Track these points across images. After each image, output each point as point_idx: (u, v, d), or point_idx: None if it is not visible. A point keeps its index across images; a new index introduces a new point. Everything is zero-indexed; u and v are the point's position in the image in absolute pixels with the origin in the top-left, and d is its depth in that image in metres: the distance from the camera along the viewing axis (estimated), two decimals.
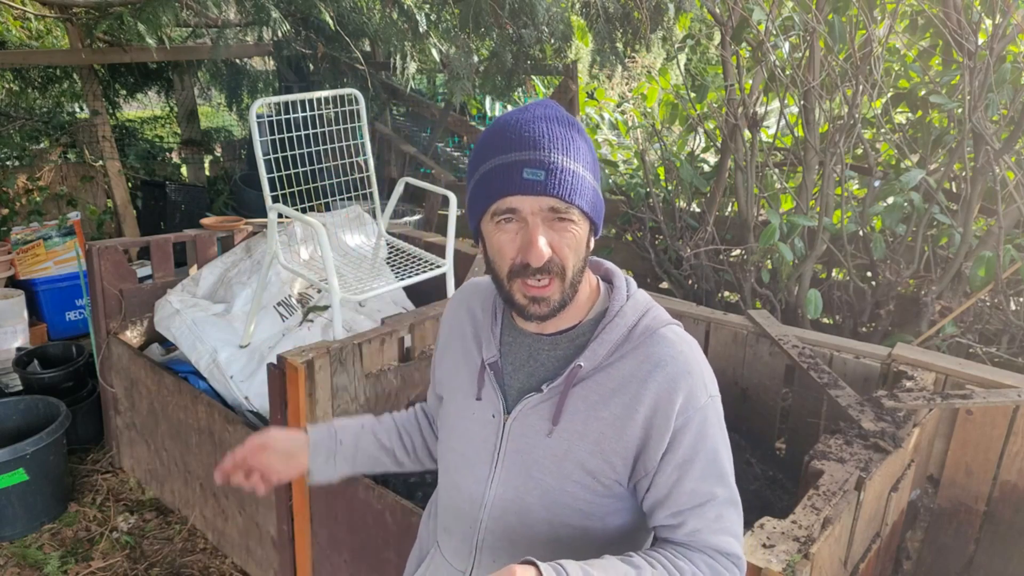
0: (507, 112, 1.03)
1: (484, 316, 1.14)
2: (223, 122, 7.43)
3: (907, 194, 2.41)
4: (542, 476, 1.04)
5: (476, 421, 1.10)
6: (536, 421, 1.05)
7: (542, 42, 3.80)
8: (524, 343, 1.09)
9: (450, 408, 1.16)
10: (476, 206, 1.01)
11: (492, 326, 1.11)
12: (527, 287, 0.98)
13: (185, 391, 2.64)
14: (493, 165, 0.96)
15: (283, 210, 2.54)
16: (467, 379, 1.13)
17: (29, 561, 2.66)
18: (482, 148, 1.00)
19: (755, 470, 2.14)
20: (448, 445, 1.16)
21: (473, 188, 1.01)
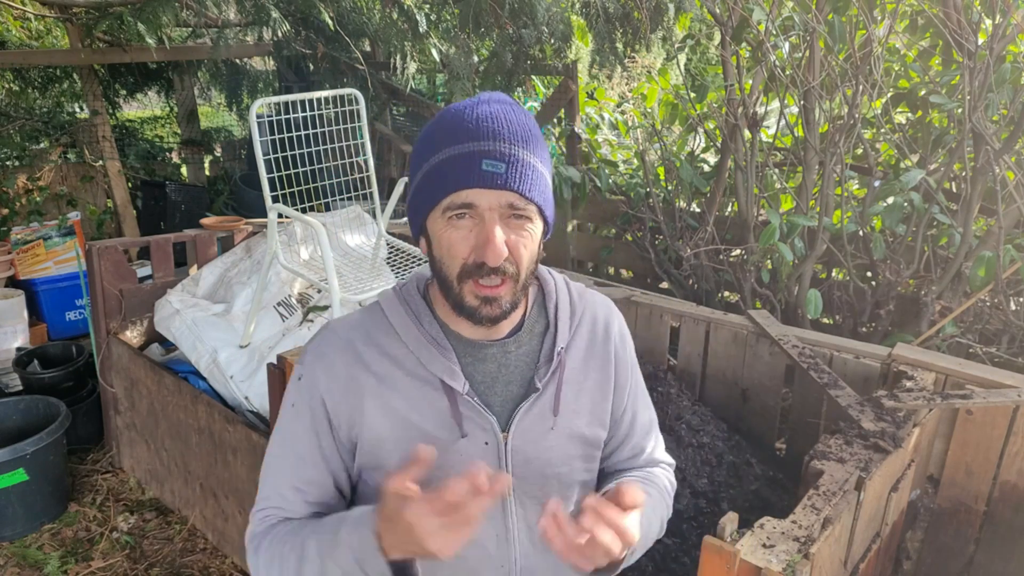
0: (458, 102, 0.93)
1: (413, 349, 0.97)
2: (223, 122, 7.43)
3: (907, 194, 2.41)
4: (555, 469, 1.04)
5: (464, 462, 0.95)
6: (536, 422, 1.02)
7: (542, 42, 3.79)
8: (487, 355, 1.00)
9: (392, 464, 0.97)
10: (424, 200, 0.91)
11: (441, 353, 0.97)
12: (479, 287, 0.91)
13: (185, 391, 2.64)
14: (447, 155, 0.88)
15: (283, 210, 2.54)
16: (434, 425, 0.96)
17: (29, 561, 2.66)
18: (432, 137, 0.91)
19: (755, 470, 2.14)
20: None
21: (420, 181, 0.91)
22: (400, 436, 0.96)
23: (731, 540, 1.24)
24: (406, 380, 0.97)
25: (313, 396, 0.97)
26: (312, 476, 0.99)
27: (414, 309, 1.00)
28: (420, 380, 0.97)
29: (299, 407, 0.99)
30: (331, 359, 0.97)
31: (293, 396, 1.00)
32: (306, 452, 0.99)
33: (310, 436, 0.98)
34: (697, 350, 2.46)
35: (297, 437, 0.99)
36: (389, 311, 1.00)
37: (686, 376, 2.51)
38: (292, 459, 0.99)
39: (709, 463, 2.09)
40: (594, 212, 3.87)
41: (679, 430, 2.14)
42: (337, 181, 2.85)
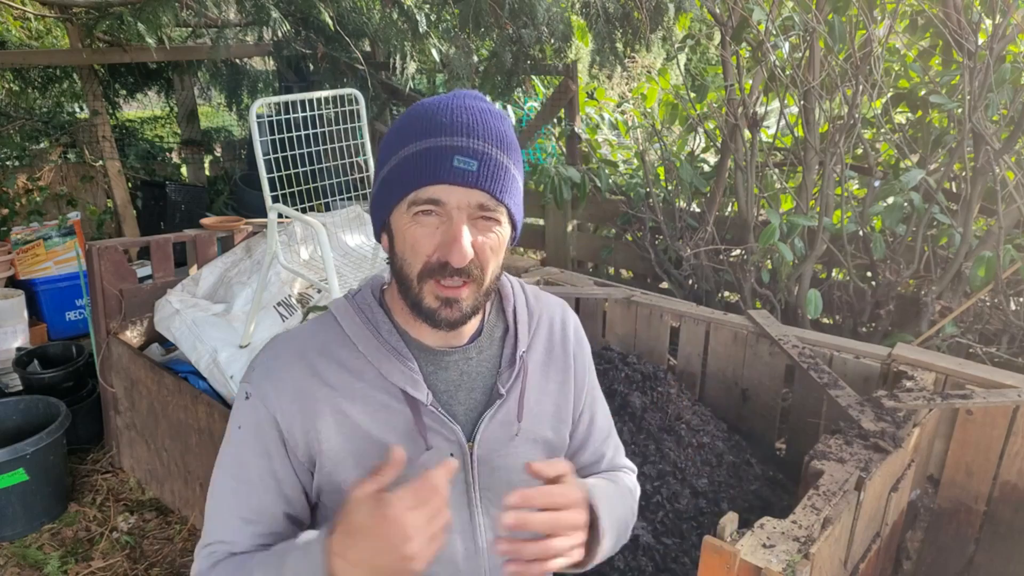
0: (431, 97, 0.89)
1: (372, 360, 0.92)
2: (223, 122, 7.44)
3: (907, 194, 2.41)
4: (521, 476, 0.97)
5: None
6: (500, 430, 0.99)
7: (542, 42, 3.79)
8: (448, 363, 0.96)
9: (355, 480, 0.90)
10: (389, 194, 0.87)
11: (402, 363, 0.92)
12: (440, 287, 0.87)
13: (185, 391, 2.64)
14: (417, 149, 0.84)
15: (283, 210, 2.54)
16: (397, 438, 0.92)
17: (29, 561, 2.66)
18: (401, 131, 0.87)
19: (755, 470, 2.14)
20: None
21: (387, 174, 0.87)
22: (362, 452, 0.91)
23: (731, 540, 1.24)
24: (365, 393, 0.91)
25: (263, 416, 0.89)
26: (263, 504, 0.91)
27: (371, 318, 0.94)
28: (380, 392, 0.92)
29: (247, 429, 0.91)
30: (281, 374, 0.90)
31: (239, 417, 0.91)
32: (256, 477, 0.90)
33: (261, 460, 0.90)
34: (697, 350, 2.46)
35: (245, 462, 0.91)
36: (344, 321, 0.94)
37: (686, 376, 2.51)
38: (241, 487, 0.91)
39: (709, 463, 2.09)
40: (594, 212, 3.87)
41: (679, 430, 2.14)
42: (337, 181, 2.85)
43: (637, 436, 2.09)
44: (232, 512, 0.92)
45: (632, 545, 1.82)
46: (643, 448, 2.06)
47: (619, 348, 2.56)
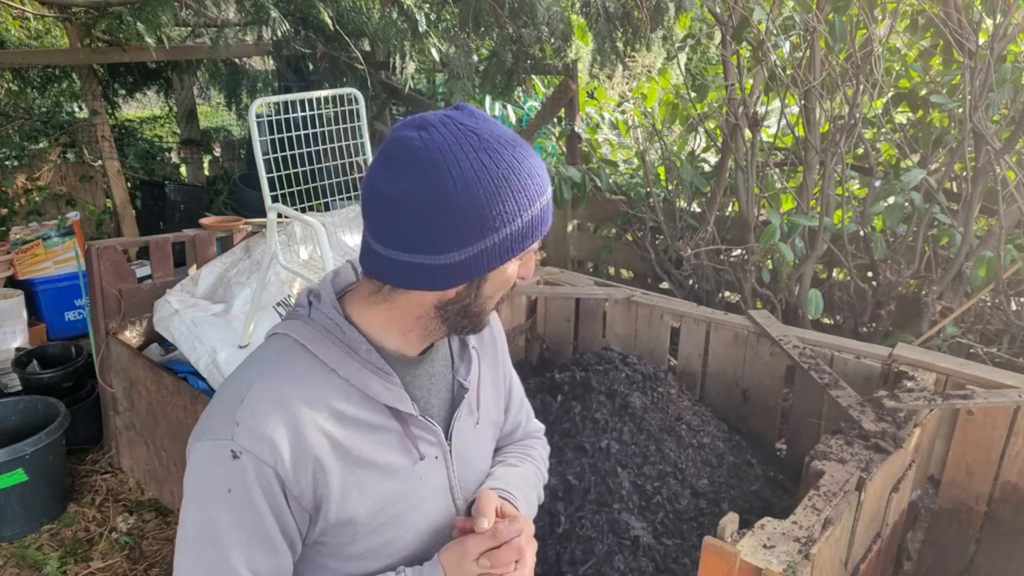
0: (493, 128, 0.84)
1: (356, 383, 0.90)
2: (222, 122, 7.44)
3: (908, 194, 2.41)
4: (483, 464, 1.08)
5: (425, 482, 0.95)
6: (466, 423, 1.02)
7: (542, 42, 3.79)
8: (420, 369, 0.97)
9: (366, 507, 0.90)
10: (512, 250, 0.85)
11: (386, 381, 0.91)
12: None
13: (184, 391, 2.64)
14: (542, 206, 0.85)
15: (282, 210, 2.53)
16: (394, 456, 0.92)
17: (28, 561, 2.65)
18: (508, 191, 0.82)
19: (755, 470, 2.14)
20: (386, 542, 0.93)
21: (513, 233, 0.83)
22: (366, 480, 0.90)
23: (731, 541, 1.24)
24: (355, 417, 0.89)
25: (262, 472, 0.82)
26: (272, 563, 0.86)
27: (343, 338, 0.90)
28: (368, 412, 0.90)
29: (242, 491, 0.82)
30: (273, 422, 0.83)
31: (227, 480, 0.82)
32: (261, 540, 0.84)
33: (264, 519, 0.84)
34: (697, 350, 2.46)
35: (245, 526, 0.83)
36: (316, 347, 0.89)
37: (686, 376, 2.51)
38: (245, 554, 0.84)
39: (709, 463, 2.09)
40: (594, 212, 3.87)
41: (679, 430, 2.14)
42: (337, 181, 2.85)
43: (637, 436, 2.09)
44: (242, 573, 0.84)
45: (632, 545, 1.82)
46: (643, 448, 2.06)
47: (619, 348, 2.56)
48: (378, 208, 0.83)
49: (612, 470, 1.98)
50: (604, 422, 2.12)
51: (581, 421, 2.14)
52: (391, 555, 0.94)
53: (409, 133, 0.81)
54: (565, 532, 1.87)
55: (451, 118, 0.82)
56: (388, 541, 0.92)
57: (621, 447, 2.04)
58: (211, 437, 0.84)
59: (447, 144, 0.79)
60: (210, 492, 0.83)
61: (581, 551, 1.82)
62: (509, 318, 2.76)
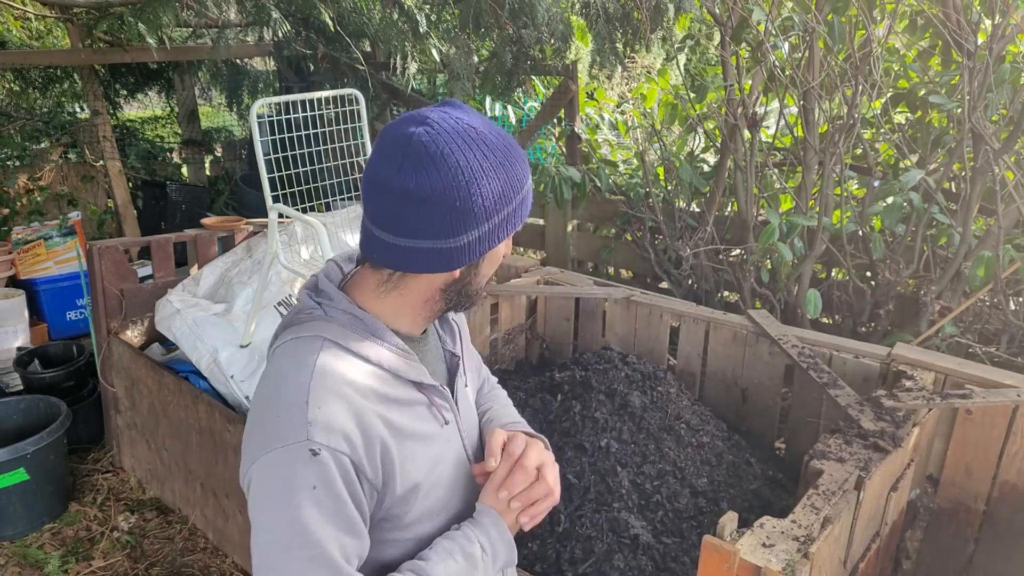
0: (484, 121, 0.93)
1: (388, 367, 0.96)
2: (224, 122, 7.44)
3: (906, 194, 2.41)
4: (475, 419, 1.17)
5: (450, 444, 1.05)
6: (461, 387, 1.13)
7: (542, 42, 3.79)
8: (425, 344, 1.06)
9: (421, 474, 0.99)
10: (511, 226, 0.95)
11: (409, 359, 0.99)
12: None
13: (186, 391, 2.64)
14: (528, 187, 0.97)
15: (284, 210, 2.54)
16: (428, 426, 1.01)
17: (30, 560, 2.66)
18: (515, 166, 0.93)
19: (755, 469, 2.14)
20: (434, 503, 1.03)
21: (514, 211, 0.94)
22: (415, 450, 0.98)
23: (731, 539, 1.24)
24: (396, 397, 0.97)
25: (341, 462, 0.88)
26: (358, 547, 0.91)
27: (370, 329, 0.97)
28: (402, 390, 0.98)
29: (327, 485, 0.87)
30: (340, 415, 0.89)
31: (311, 478, 0.87)
32: (349, 526, 0.89)
33: (348, 508, 0.89)
34: (697, 350, 2.47)
35: (335, 516, 0.88)
36: (350, 343, 0.95)
37: (686, 376, 2.51)
38: (339, 542, 0.88)
39: (709, 463, 2.10)
40: (594, 212, 3.88)
41: (679, 430, 2.15)
42: (338, 181, 2.85)
43: (637, 435, 2.09)
44: (340, 568, 0.88)
45: (632, 544, 1.83)
46: (643, 448, 2.07)
47: (619, 348, 2.57)
48: (390, 202, 0.89)
49: (612, 469, 1.99)
50: (604, 421, 2.12)
51: (581, 420, 2.15)
52: (438, 514, 1.03)
53: (412, 129, 0.88)
54: (565, 531, 1.88)
55: (447, 113, 0.90)
56: (436, 501, 1.02)
57: (621, 446, 2.05)
58: (283, 443, 0.87)
59: (451, 138, 0.88)
60: (294, 494, 0.86)
61: (581, 550, 1.82)
62: (509, 318, 2.77)
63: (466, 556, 0.97)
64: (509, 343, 2.77)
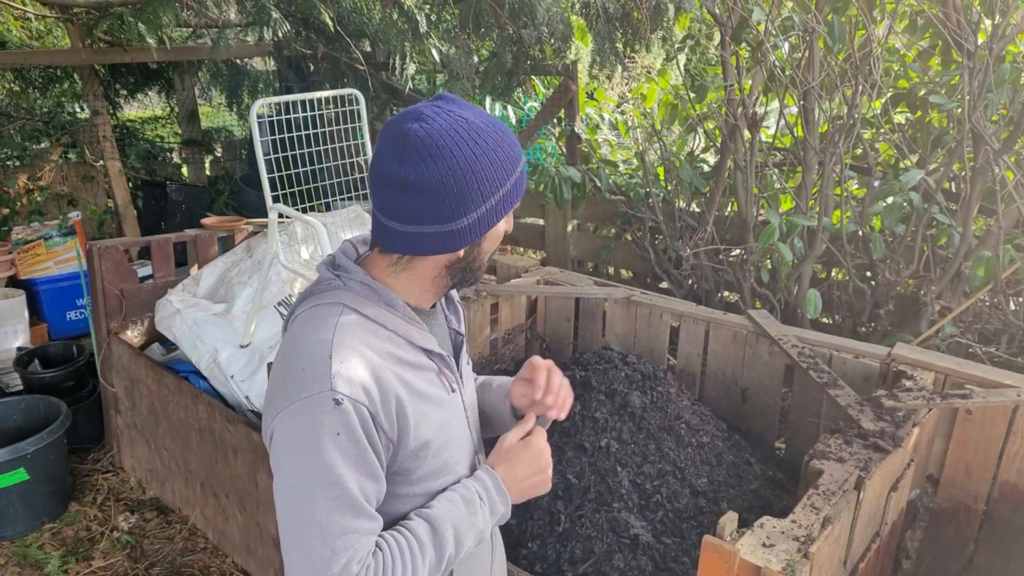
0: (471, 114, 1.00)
1: (402, 333, 1.05)
2: (224, 122, 7.44)
3: (906, 194, 2.41)
4: (473, 395, 1.25)
5: (456, 410, 1.13)
6: (463, 364, 1.20)
7: (542, 42, 3.79)
8: (433, 319, 1.15)
9: (433, 432, 1.07)
10: (506, 208, 1.03)
11: (420, 329, 1.07)
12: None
13: (186, 391, 2.64)
14: (522, 165, 1.03)
15: (284, 210, 2.54)
16: (438, 391, 1.09)
17: (30, 560, 2.66)
18: (506, 150, 1.00)
19: (755, 469, 2.14)
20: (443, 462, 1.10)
21: (507, 193, 1.01)
22: (427, 410, 1.06)
23: (731, 539, 1.25)
24: (409, 360, 1.05)
25: (361, 412, 0.95)
26: (376, 490, 0.99)
27: (385, 299, 1.05)
28: (416, 355, 1.07)
29: (350, 431, 0.95)
30: (359, 370, 0.97)
31: (335, 425, 0.94)
32: (370, 471, 0.97)
33: (367, 453, 0.97)
34: (697, 350, 2.47)
35: (357, 460, 0.96)
36: (367, 310, 1.03)
37: (686, 376, 2.51)
38: (361, 485, 0.96)
39: (709, 463, 2.10)
40: (594, 212, 3.88)
41: (679, 429, 2.15)
42: (337, 181, 2.85)
43: (637, 435, 2.09)
44: (363, 508, 0.97)
45: (632, 544, 1.83)
46: (643, 447, 2.07)
47: (619, 348, 2.57)
48: (394, 193, 0.97)
49: (612, 469, 1.99)
50: (604, 421, 2.12)
51: (581, 420, 2.15)
52: (445, 474, 1.10)
53: (410, 125, 0.96)
54: (565, 531, 1.88)
55: (440, 107, 0.98)
56: (444, 461, 1.09)
57: (621, 446, 2.05)
58: (308, 394, 0.95)
59: (446, 131, 0.95)
60: (320, 439, 0.94)
61: (581, 550, 1.82)
62: (509, 318, 2.77)
63: (466, 501, 1.07)
64: (509, 343, 2.77)
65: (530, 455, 1.14)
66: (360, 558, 0.94)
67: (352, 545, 0.94)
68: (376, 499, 1.00)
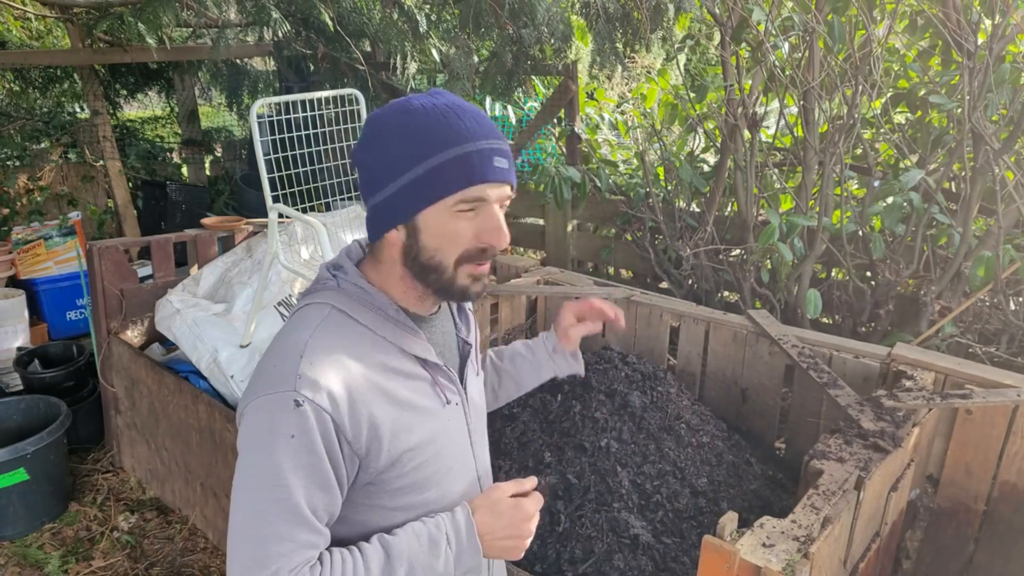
0: (421, 102, 0.97)
1: (392, 340, 1.02)
2: (224, 122, 7.44)
3: (906, 194, 2.41)
4: (482, 408, 1.22)
5: (452, 422, 1.08)
6: (471, 374, 1.16)
7: (542, 42, 3.79)
8: (435, 327, 1.11)
9: (413, 444, 1.02)
10: (425, 195, 0.95)
11: (415, 335, 1.04)
12: (474, 268, 1.00)
13: (186, 391, 2.64)
14: (462, 152, 0.94)
15: (284, 210, 2.54)
16: (428, 401, 1.05)
17: (30, 560, 2.66)
18: (425, 136, 0.94)
19: (755, 469, 2.14)
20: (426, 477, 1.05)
21: (422, 177, 0.94)
22: (413, 421, 1.02)
23: (731, 539, 1.24)
24: (397, 368, 1.02)
25: (321, 418, 0.92)
26: (327, 502, 0.95)
27: (376, 303, 1.03)
28: (407, 363, 1.03)
29: (304, 436, 0.91)
30: (329, 375, 0.93)
31: (290, 427, 0.91)
32: (321, 480, 0.94)
33: (322, 462, 0.93)
34: (697, 350, 2.47)
35: (307, 467, 0.92)
36: (355, 312, 1.01)
37: (686, 376, 2.51)
38: (307, 493, 0.93)
39: (709, 463, 2.09)
40: (594, 212, 3.88)
41: (679, 429, 2.14)
42: (337, 181, 2.85)
43: (637, 436, 2.09)
44: (305, 517, 0.92)
45: (632, 544, 1.83)
46: (643, 448, 2.07)
47: (619, 347, 2.57)
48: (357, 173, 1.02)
49: (612, 469, 1.99)
50: (604, 421, 2.12)
51: (581, 420, 2.15)
52: (429, 489, 1.06)
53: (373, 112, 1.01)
54: (565, 531, 1.88)
55: (409, 96, 0.99)
56: (427, 476, 1.05)
57: (621, 446, 2.05)
58: (273, 390, 0.93)
59: (386, 111, 0.98)
60: (274, 438, 0.92)
61: (581, 550, 1.82)
62: (509, 318, 2.77)
63: (431, 541, 1.00)
64: (509, 343, 2.77)
65: (517, 517, 1.04)
66: (293, 567, 0.90)
67: (287, 553, 0.90)
68: (327, 511, 0.96)
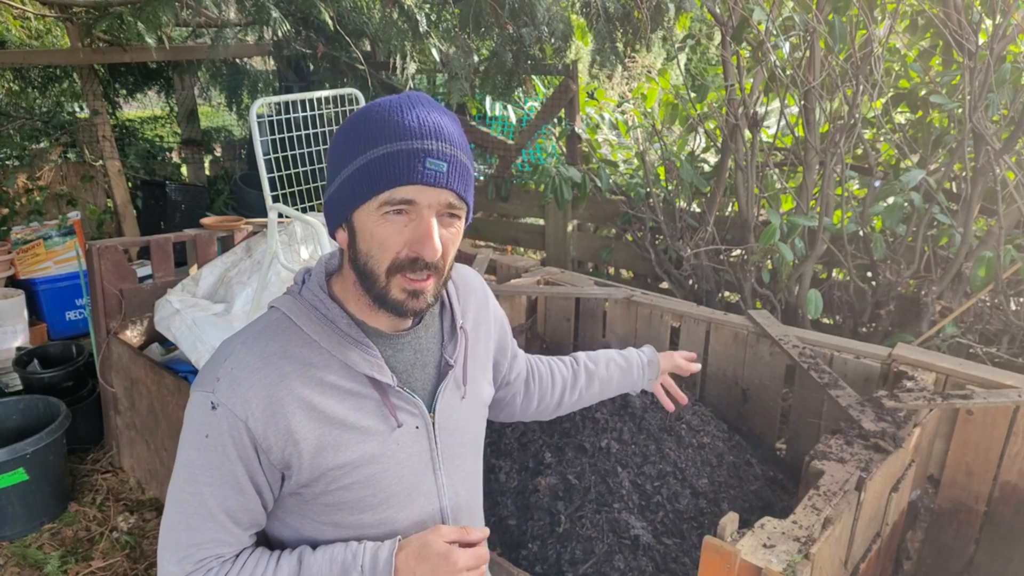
0: (384, 98, 0.94)
1: (336, 354, 0.97)
2: (223, 122, 7.44)
3: (907, 194, 2.41)
4: (469, 435, 1.14)
5: (402, 448, 1.02)
6: (452, 397, 1.09)
7: (542, 42, 3.79)
8: (404, 344, 1.04)
9: (341, 463, 0.98)
10: (353, 194, 0.91)
11: (365, 352, 0.98)
12: (407, 281, 0.93)
13: (185, 391, 2.64)
14: (387, 151, 0.89)
15: (283, 210, 2.54)
16: (371, 420, 0.99)
17: (29, 561, 2.66)
18: (363, 132, 0.91)
19: (755, 470, 2.14)
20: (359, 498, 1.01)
21: (352, 174, 0.91)
22: (343, 440, 0.97)
23: (731, 540, 1.24)
24: (334, 384, 0.97)
25: (234, 424, 0.91)
26: (242, 504, 0.96)
27: (327, 313, 0.98)
28: (348, 381, 0.98)
29: (216, 438, 0.92)
30: (249, 382, 0.92)
31: (206, 427, 0.92)
32: (231, 482, 0.94)
33: (233, 465, 0.93)
34: (697, 350, 2.46)
35: (217, 468, 0.93)
36: (301, 320, 0.98)
37: (686, 376, 2.51)
38: (216, 492, 0.94)
39: (709, 463, 2.09)
40: (594, 212, 3.87)
41: (679, 430, 2.14)
42: None
43: (637, 436, 2.09)
44: (214, 518, 0.95)
45: (632, 545, 1.82)
46: (643, 448, 2.06)
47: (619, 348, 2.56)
48: None
49: (612, 469, 1.98)
50: (604, 421, 2.12)
51: (581, 420, 2.14)
52: (364, 512, 1.01)
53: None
54: (565, 531, 1.88)
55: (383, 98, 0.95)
56: (360, 498, 1.00)
57: (621, 446, 2.05)
58: (200, 389, 0.95)
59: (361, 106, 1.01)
60: (192, 435, 0.94)
61: (581, 550, 1.82)
62: (509, 318, 2.76)
63: (343, 570, 0.96)
64: None
65: (442, 567, 0.97)
66: (201, 559, 0.95)
67: (196, 543, 0.95)
68: (246, 512, 0.96)
